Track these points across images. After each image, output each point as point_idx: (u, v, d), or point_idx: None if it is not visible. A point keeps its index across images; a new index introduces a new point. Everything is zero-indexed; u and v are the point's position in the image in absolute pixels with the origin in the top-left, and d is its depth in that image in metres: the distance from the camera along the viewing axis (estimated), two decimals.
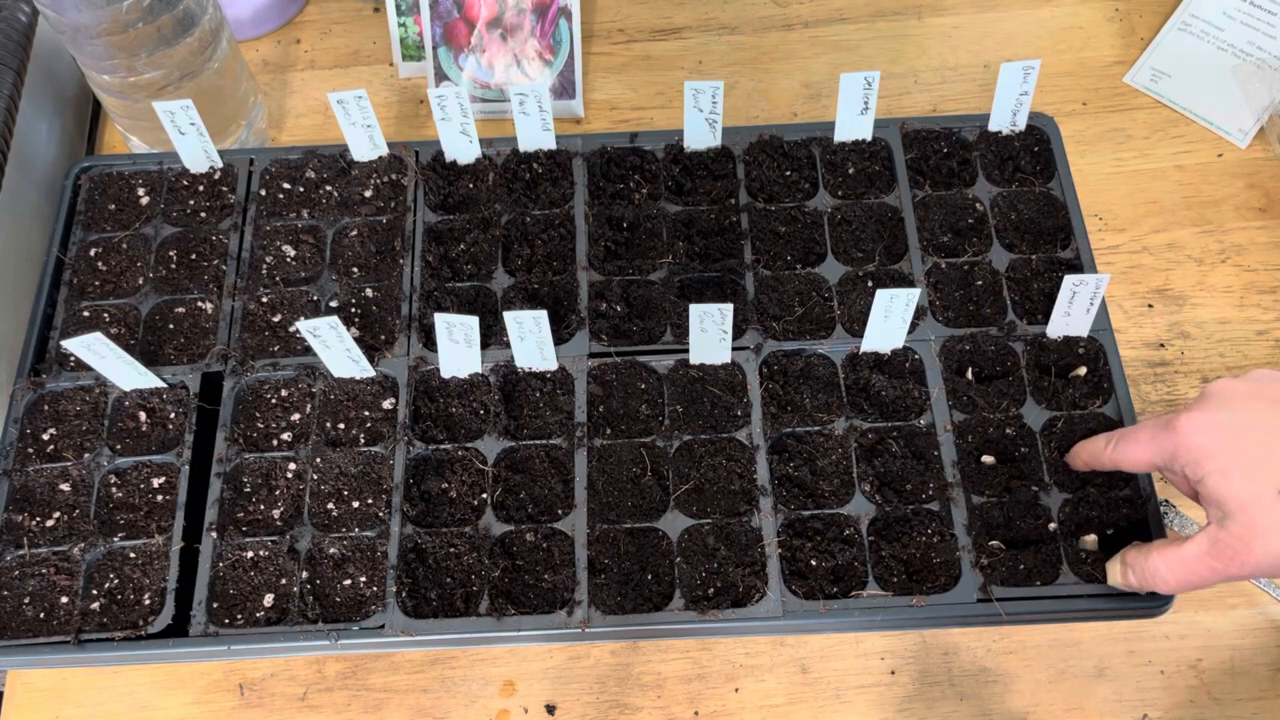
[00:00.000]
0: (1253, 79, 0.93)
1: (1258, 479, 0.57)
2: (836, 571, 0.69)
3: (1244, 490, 0.57)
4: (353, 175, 0.84)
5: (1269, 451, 0.57)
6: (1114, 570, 0.67)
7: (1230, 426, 0.59)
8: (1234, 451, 0.58)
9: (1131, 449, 0.64)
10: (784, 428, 0.73)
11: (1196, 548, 0.60)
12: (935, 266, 0.79)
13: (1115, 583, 0.67)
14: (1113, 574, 0.67)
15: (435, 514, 0.72)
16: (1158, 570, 0.63)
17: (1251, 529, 0.57)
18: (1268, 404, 0.59)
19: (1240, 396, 0.60)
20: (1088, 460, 0.68)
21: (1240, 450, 0.58)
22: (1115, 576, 0.66)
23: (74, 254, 0.81)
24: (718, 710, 0.73)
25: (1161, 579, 0.63)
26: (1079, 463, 0.70)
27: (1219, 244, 0.88)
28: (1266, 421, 0.58)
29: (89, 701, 0.75)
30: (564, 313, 0.78)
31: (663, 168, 0.83)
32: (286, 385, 0.76)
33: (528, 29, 0.94)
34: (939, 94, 0.97)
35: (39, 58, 0.94)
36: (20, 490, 0.73)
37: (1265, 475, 0.57)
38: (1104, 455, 0.66)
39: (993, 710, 0.73)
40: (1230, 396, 0.60)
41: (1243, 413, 0.59)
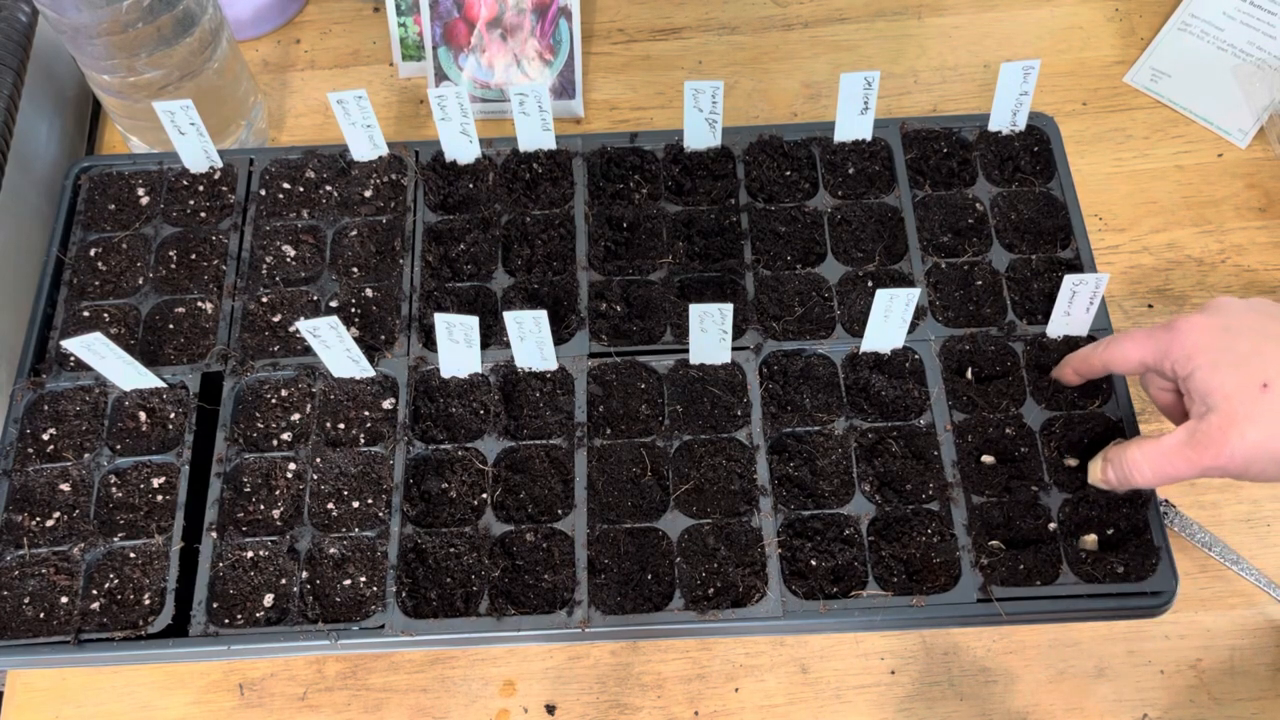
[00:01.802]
0: (1253, 79, 0.93)
1: (1243, 372, 0.59)
2: (836, 571, 0.69)
3: (1229, 381, 0.60)
4: (353, 175, 0.84)
5: (1257, 349, 0.60)
6: (1095, 468, 0.69)
7: (1224, 329, 0.62)
8: (1224, 348, 0.61)
9: (1126, 347, 0.66)
10: (784, 428, 0.73)
11: (1175, 439, 0.62)
12: (935, 266, 0.79)
13: (1095, 480, 0.69)
14: (1093, 472, 0.69)
15: (435, 514, 0.72)
16: (1136, 462, 0.65)
17: (1231, 419, 0.59)
18: (1262, 315, 0.62)
19: (1238, 309, 0.63)
20: (1078, 368, 0.71)
21: (1231, 348, 0.61)
22: (1095, 474, 0.69)
23: (74, 254, 0.81)
24: (718, 710, 0.73)
25: (1139, 471, 0.65)
26: (1069, 373, 0.72)
27: (1219, 244, 0.88)
28: (1260, 326, 0.61)
29: (89, 701, 0.75)
30: (564, 313, 0.78)
31: (663, 168, 0.83)
32: (286, 385, 0.76)
33: (528, 29, 0.94)
34: (939, 94, 0.97)
35: (39, 58, 0.94)
36: (20, 490, 0.73)
37: (1251, 369, 0.59)
38: (1095, 358, 0.69)
39: (993, 710, 0.73)
40: (1228, 307, 0.64)
41: (1238, 319, 0.62)
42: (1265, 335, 0.61)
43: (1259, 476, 0.61)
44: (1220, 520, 0.78)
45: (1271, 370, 0.59)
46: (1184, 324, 0.63)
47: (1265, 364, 0.59)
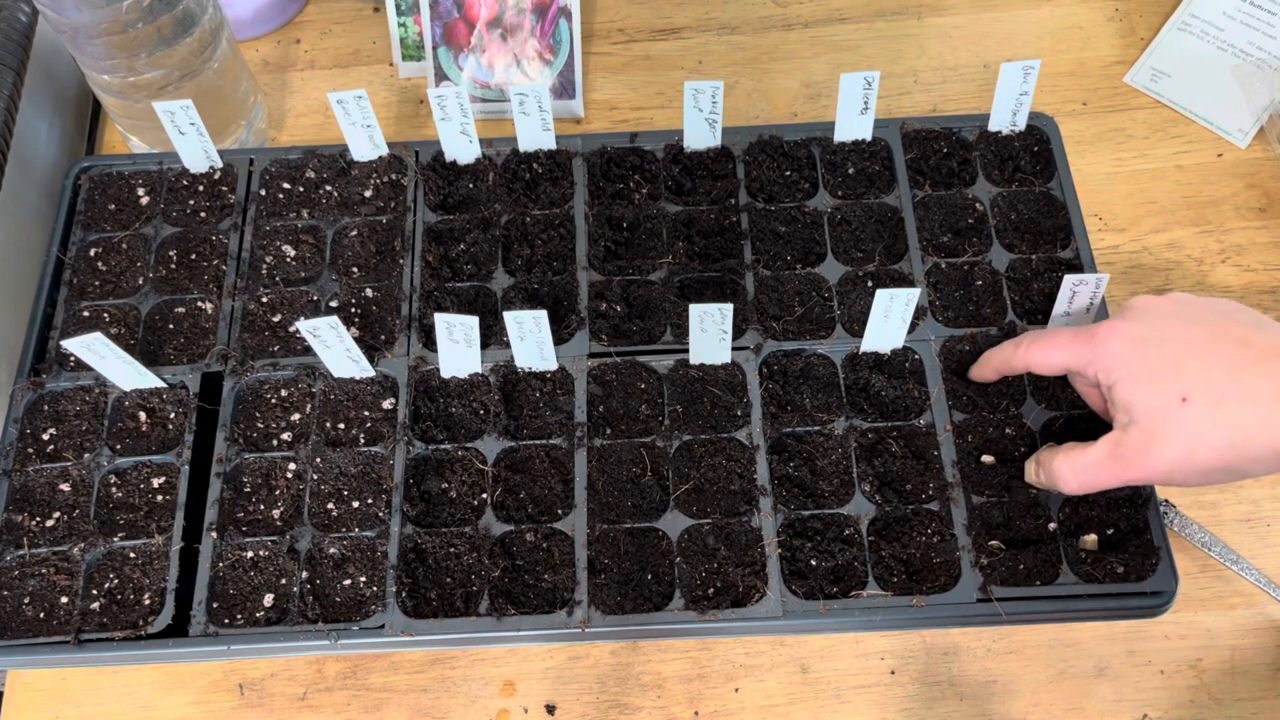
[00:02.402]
0: (1253, 79, 0.93)
1: (1162, 387, 0.59)
2: (836, 571, 0.69)
3: (1149, 395, 0.60)
4: (353, 175, 0.84)
5: (1176, 362, 0.60)
6: (1029, 468, 0.70)
7: (1144, 338, 0.62)
8: (1144, 360, 0.61)
9: (1047, 350, 0.66)
10: (784, 428, 0.73)
11: (1099, 452, 0.63)
12: (935, 266, 0.79)
13: (1029, 479, 0.70)
14: (1028, 472, 0.70)
15: (435, 514, 0.72)
16: (1061, 471, 0.65)
17: (1151, 434, 0.60)
18: (1181, 321, 0.62)
19: (1157, 312, 0.63)
20: (998, 366, 0.71)
21: (1149, 360, 0.61)
22: (1029, 474, 0.70)
23: (74, 254, 0.81)
24: (718, 710, 0.73)
25: (1064, 480, 0.65)
26: (988, 371, 0.71)
27: (1219, 244, 0.88)
28: (1178, 334, 0.61)
29: (89, 701, 0.75)
30: (564, 313, 0.78)
31: (663, 168, 0.83)
32: (286, 385, 0.76)
33: (528, 29, 0.94)
34: (939, 94, 0.97)
35: (39, 58, 0.94)
36: (20, 490, 0.73)
37: (1170, 382, 0.59)
38: (1015, 358, 0.68)
39: (993, 710, 0.73)
40: (1148, 311, 0.63)
41: (1157, 326, 0.62)
42: (1183, 343, 0.60)
43: (1184, 484, 0.61)
44: (1220, 520, 0.78)
45: (1189, 383, 0.59)
46: (1105, 333, 0.63)
47: (1183, 376, 0.59)
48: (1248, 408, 0.57)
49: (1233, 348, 0.59)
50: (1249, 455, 0.58)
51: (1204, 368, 0.59)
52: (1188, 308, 0.63)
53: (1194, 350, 0.60)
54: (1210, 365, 0.59)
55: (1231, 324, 0.61)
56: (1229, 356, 0.59)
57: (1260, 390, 0.57)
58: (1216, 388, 0.58)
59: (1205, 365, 0.59)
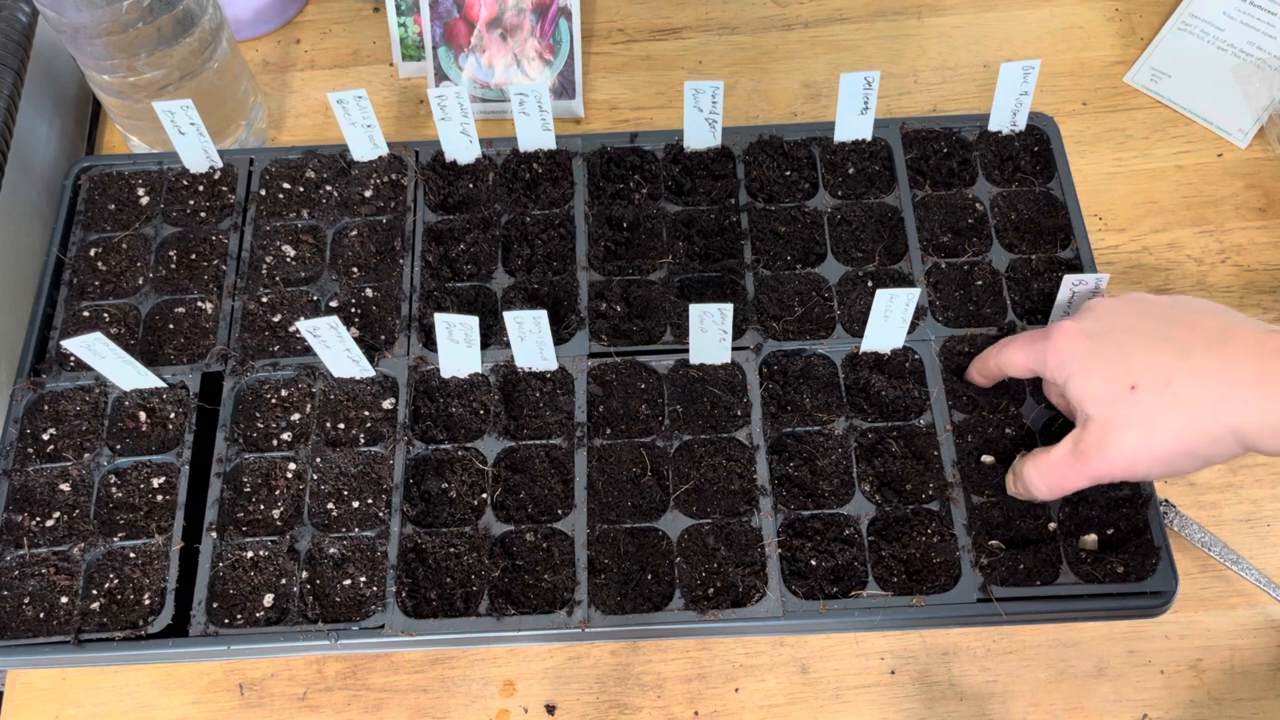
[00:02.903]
0: (1253, 79, 0.93)
1: (1111, 376, 0.59)
2: (836, 571, 0.69)
3: (1100, 387, 0.60)
4: (353, 175, 0.84)
5: (1124, 352, 0.60)
6: (1008, 480, 0.70)
7: (1093, 333, 0.62)
8: (1093, 354, 0.61)
9: (1010, 353, 0.67)
10: (784, 428, 0.73)
11: (1061, 451, 0.63)
12: (935, 266, 0.79)
13: (1009, 491, 0.70)
14: (1007, 484, 0.70)
15: (435, 514, 0.72)
16: (1030, 477, 0.66)
17: (1107, 426, 0.59)
18: (1132, 315, 0.62)
19: (1108, 309, 0.64)
20: (980, 369, 0.71)
21: (1099, 352, 0.61)
22: (1009, 486, 0.70)
23: (74, 254, 0.81)
24: (718, 710, 0.73)
25: (1034, 485, 0.65)
26: (975, 375, 0.72)
27: (1219, 244, 0.88)
28: (1127, 325, 0.61)
29: (89, 701, 0.75)
30: (564, 313, 0.78)
31: (663, 168, 0.83)
32: (286, 385, 0.76)
33: (528, 29, 0.94)
34: (939, 94, 0.97)
35: (39, 58, 0.94)
36: (20, 490, 0.73)
37: (1119, 371, 0.59)
38: (990, 361, 0.69)
39: (993, 710, 0.73)
40: (1100, 309, 0.64)
41: (1106, 321, 0.62)
42: (1132, 334, 0.60)
43: (1148, 475, 0.61)
44: (1220, 520, 0.78)
45: (1137, 370, 0.59)
46: (1056, 332, 0.64)
47: (1131, 364, 0.59)
48: (1196, 388, 0.57)
49: (1181, 333, 0.59)
50: (1206, 436, 0.57)
51: (1151, 354, 0.59)
52: (1142, 304, 0.63)
53: (1142, 339, 0.60)
54: (1157, 351, 0.59)
55: (1184, 312, 0.60)
56: (1177, 341, 0.59)
57: (1207, 370, 0.57)
58: (1163, 372, 0.58)
59: (1152, 352, 0.59)
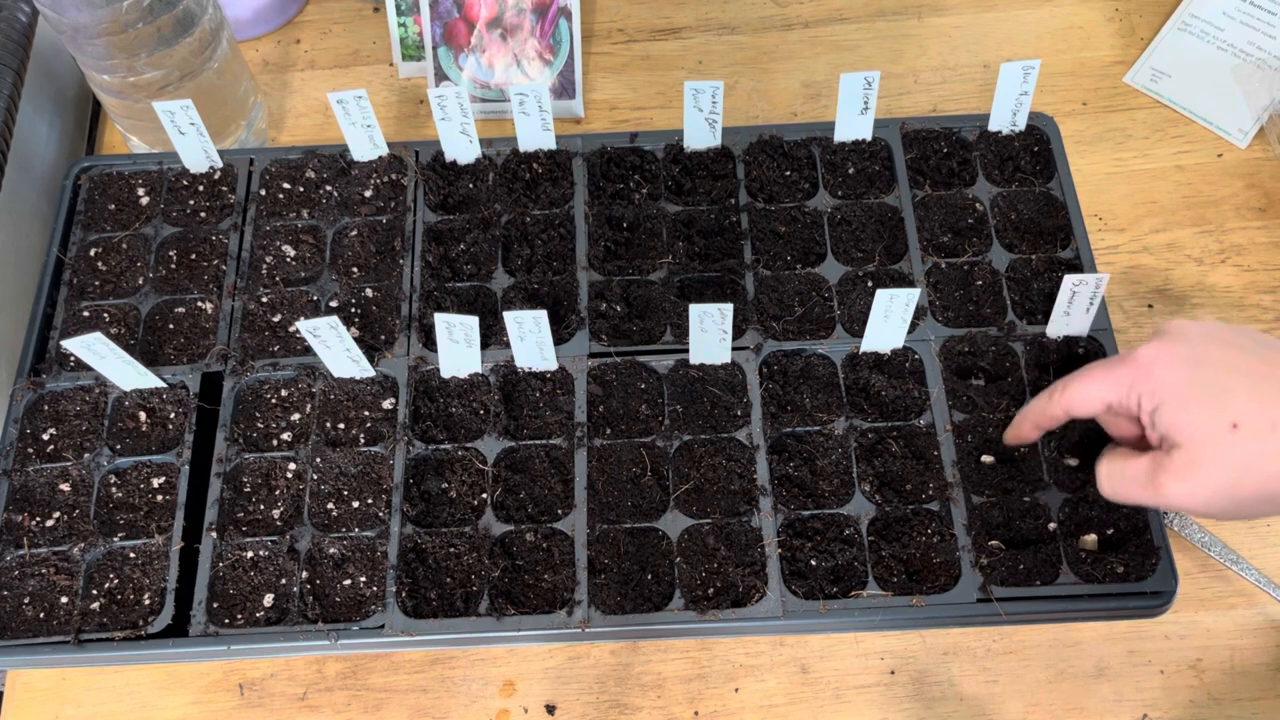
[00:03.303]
0: (1253, 79, 0.93)
1: (1212, 412, 0.57)
2: (836, 571, 0.69)
3: (1198, 420, 0.57)
4: (353, 175, 0.84)
5: (1225, 387, 0.58)
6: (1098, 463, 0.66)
7: (1189, 360, 0.59)
8: (1191, 383, 0.58)
9: (1086, 388, 0.63)
10: (784, 428, 0.73)
11: (1139, 469, 0.61)
12: (935, 266, 0.79)
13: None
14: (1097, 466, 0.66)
15: (435, 514, 0.72)
16: (1101, 473, 0.64)
17: (1195, 461, 0.57)
18: (1223, 345, 0.59)
19: (1197, 335, 0.61)
20: (1036, 421, 0.67)
21: (1197, 383, 0.58)
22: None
23: (74, 254, 0.81)
24: (718, 710, 0.73)
25: (1101, 483, 0.64)
26: (1028, 429, 0.68)
27: (1219, 244, 0.88)
28: (1223, 359, 0.59)
29: (89, 701, 0.75)
30: (564, 313, 0.78)
31: (663, 168, 0.83)
32: (286, 385, 0.76)
33: (528, 29, 0.94)
34: (939, 94, 0.97)
35: (39, 58, 0.94)
36: (20, 490, 0.73)
37: (1221, 408, 0.57)
38: (1055, 407, 0.65)
39: (993, 710, 0.73)
40: (1187, 333, 0.61)
41: (1200, 349, 0.60)
42: (1231, 369, 0.58)
43: (1218, 515, 0.59)
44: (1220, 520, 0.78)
45: (1240, 409, 0.56)
46: (1148, 356, 0.61)
47: (1234, 401, 0.57)
48: None
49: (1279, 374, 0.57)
50: None
51: (1255, 394, 0.56)
52: (1227, 332, 0.61)
53: (1243, 375, 0.57)
54: (1260, 392, 0.56)
55: (1274, 351, 0.59)
56: (1277, 383, 0.57)
57: None
58: (1268, 416, 0.56)
59: (1256, 391, 0.57)
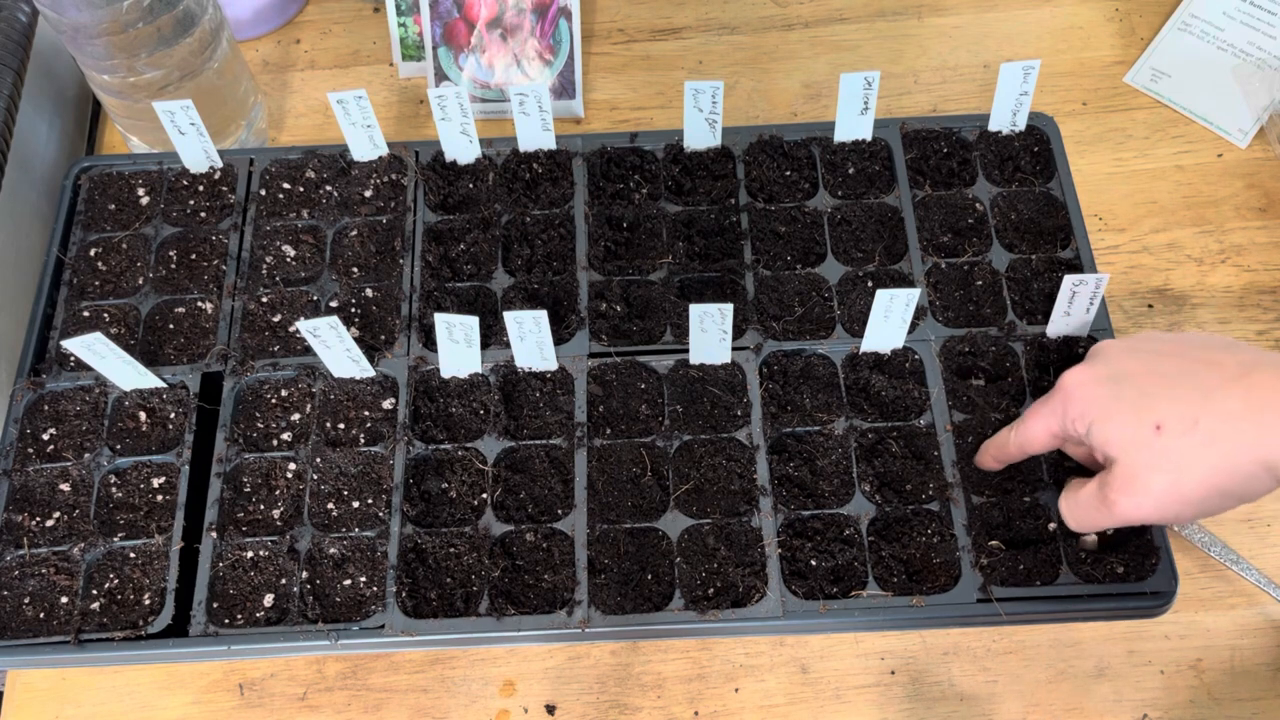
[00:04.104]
0: (1253, 79, 0.93)
1: (1135, 419, 0.58)
2: (836, 571, 0.69)
3: (1123, 431, 0.59)
4: (353, 175, 0.84)
5: (1144, 393, 0.59)
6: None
7: (1108, 377, 0.61)
8: (1114, 397, 0.60)
9: (1030, 425, 0.66)
10: (784, 428, 0.73)
11: (1089, 493, 0.62)
12: (935, 266, 0.79)
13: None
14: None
15: (435, 514, 0.72)
16: (1062, 508, 0.66)
17: (1133, 470, 0.59)
18: (1144, 355, 0.61)
19: (1118, 351, 0.62)
20: (996, 455, 0.70)
21: (1120, 396, 0.60)
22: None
23: (74, 254, 0.81)
24: (718, 710, 0.73)
25: (1065, 517, 0.66)
26: (988, 459, 0.71)
27: (1219, 244, 0.88)
28: (1143, 367, 0.60)
29: (89, 701, 0.75)
30: (564, 313, 0.78)
31: (663, 168, 0.83)
32: (286, 385, 0.76)
33: (528, 29, 0.94)
34: (939, 94, 0.97)
35: (39, 58, 0.94)
36: (20, 490, 0.73)
37: (1141, 413, 0.58)
38: (1011, 445, 0.68)
39: (992, 710, 0.73)
40: (1108, 352, 0.63)
41: (1120, 363, 0.61)
42: (1151, 375, 0.59)
43: (1178, 519, 0.59)
44: (1220, 520, 0.78)
45: (1161, 411, 0.57)
46: (1070, 382, 0.62)
47: (1155, 405, 0.58)
48: (1224, 426, 0.56)
49: (1201, 370, 0.58)
50: (1237, 474, 0.56)
51: (1173, 394, 0.58)
52: (1152, 342, 0.62)
53: (1161, 379, 0.59)
54: (1179, 390, 0.58)
55: (1199, 349, 0.59)
56: (1198, 380, 0.57)
57: (1232, 407, 0.56)
58: (1189, 412, 0.57)
59: (1174, 391, 0.58)
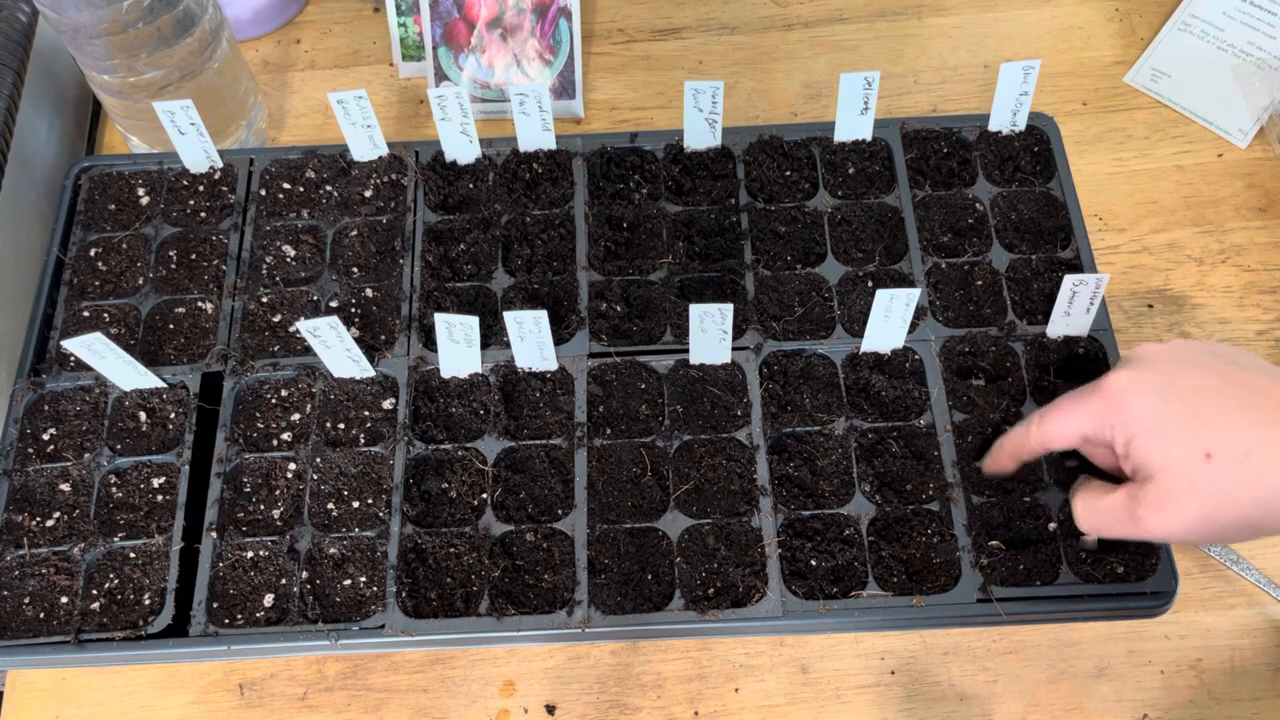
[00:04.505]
0: (1253, 79, 0.93)
1: (1184, 441, 0.56)
2: (836, 571, 0.69)
3: (1170, 452, 0.56)
4: (353, 175, 0.84)
5: (1196, 415, 0.56)
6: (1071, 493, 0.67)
7: (1159, 388, 0.58)
8: (1163, 412, 0.57)
9: (1060, 420, 0.62)
10: (784, 428, 0.73)
11: (1115, 502, 0.60)
12: (935, 266, 0.79)
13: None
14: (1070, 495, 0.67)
15: (435, 514, 0.72)
16: (1077, 510, 0.64)
17: (1170, 492, 0.56)
18: (1193, 368, 0.58)
19: (1166, 359, 0.59)
20: (1013, 452, 0.67)
21: (1170, 411, 0.57)
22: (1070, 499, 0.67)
23: (74, 254, 0.81)
24: (718, 710, 0.73)
25: (1079, 519, 0.64)
26: (1005, 460, 0.68)
27: (1219, 244, 0.88)
28: (1194, 384, 0.58)
29: (89, 701, 0.75)
30: (564, 313, 0.78)
31: (663, 168, 0.83)
32: (286, 385, 0.76)
33: (528, 29, 0.94)
34: (939, 94, 0.97)
35: (39, 58, 0.94)
36: (20, 490, 0.73)
37: (1193, 437, 0.56)
38: (1032, 440, 0.65)
39: (993, 710, 0.73)
40: (1156, 358, 0.60)
41: (1170, 375, 0.58)
42: (1201, 395, 0.57)
43: (1199, 542, 0.59)
44: None
45: (1212, 437, 0.55)
46: (1117, 387, 0.59)
47: (1205, 430, 0.56)
48: (1276, 463, 0.54)
49: (1251, 398, 0.56)
50: (1274, 510, 0.54)
51: (1226, 421, 0.55)
52: (1196, 353, 0.60)
53: (1213, 401, 0.56)
54: (1233, 419, 0.55)
55: (1244, 372, 0.57)
56: (1249, 408, 0.55)
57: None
58: (1241, 443, 0.55)
59: (1227, 418, 0.56)
